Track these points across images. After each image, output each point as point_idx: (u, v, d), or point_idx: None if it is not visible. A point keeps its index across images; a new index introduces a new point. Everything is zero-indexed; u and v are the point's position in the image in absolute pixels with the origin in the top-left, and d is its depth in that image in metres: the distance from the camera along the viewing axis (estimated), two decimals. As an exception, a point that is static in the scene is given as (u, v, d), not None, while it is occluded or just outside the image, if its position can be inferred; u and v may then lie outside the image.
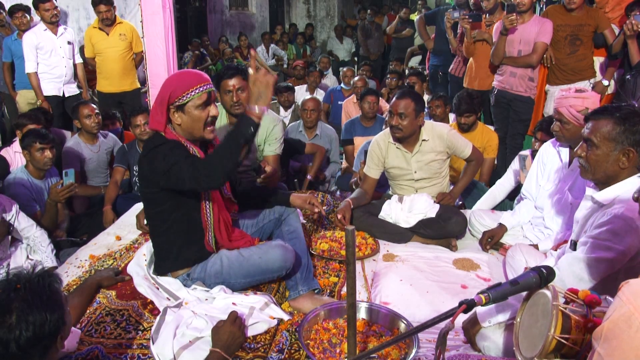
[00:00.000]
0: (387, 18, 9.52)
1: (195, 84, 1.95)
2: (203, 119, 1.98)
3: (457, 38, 4.80)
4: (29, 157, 3.04)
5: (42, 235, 2.75)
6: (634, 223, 1.62)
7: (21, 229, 2.69)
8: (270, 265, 2.06)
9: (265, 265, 2.06)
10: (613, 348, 0.92)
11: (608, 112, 1.74)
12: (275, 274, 2.10)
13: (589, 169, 1.79)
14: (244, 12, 11.26)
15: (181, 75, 2.03)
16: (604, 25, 3.78)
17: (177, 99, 1.94)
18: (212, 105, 2.01)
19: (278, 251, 2.07)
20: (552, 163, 2.65)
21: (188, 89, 1.94)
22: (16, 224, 2.66)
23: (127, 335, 1.91)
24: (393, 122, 2.82)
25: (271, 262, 2.06)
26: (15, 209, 2.66)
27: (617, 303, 0.94)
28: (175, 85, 1.95)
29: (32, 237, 2.71)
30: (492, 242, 2.75)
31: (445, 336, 1.15)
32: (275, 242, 2.19)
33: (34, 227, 2.72)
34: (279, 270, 2.08)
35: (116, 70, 4.82)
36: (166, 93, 1.95)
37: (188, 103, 1.95)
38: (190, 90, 1.94)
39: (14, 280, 1.22)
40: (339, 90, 5.89)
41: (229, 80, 2.76)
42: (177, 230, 2.07)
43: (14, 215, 2.65)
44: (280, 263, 2.06)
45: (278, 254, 2.07)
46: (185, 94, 1.94)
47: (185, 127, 2.00)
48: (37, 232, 2.73)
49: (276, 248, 2.09)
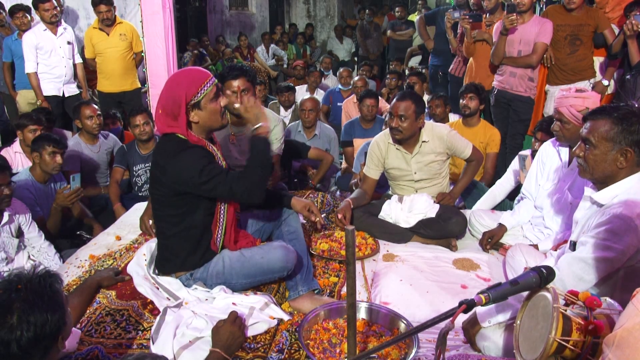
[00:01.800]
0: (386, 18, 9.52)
1: (204, 79, 1.98)
2: (218, 110, 2.03)
3: (457, 38, 4.80)
4: (38, 159, 3.03)
5: (48, 246, 2.77)
6: (633, 222, 1.63)
7: (29, 237, 2.70)
8: (271, 266, 2.07)
9: (267, 265, 2.06)
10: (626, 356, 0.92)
11: (606, 112, 1.75)
12: (277, 274, 2.10)
13: (588, 169, 1.80)
14: (244, 12, 11.26)
15: (187, 74, 2.03)
16: (604, 25, 3.78)
17: (192, 97, 1.96)
18: (220, 95, 2.05)
19: (280, 252, 2.08)
20: (551, 163, 2.65)
21: (200, 85, 1.96)
22: (26, 232, 2.68)
23: (127, 335, 1.91)
24: (393, 124, 2.82)
25: (273, 262, 2.06)
26: (28, 216, 2.69)
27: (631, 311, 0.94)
28: (187, 84, 1.96)
29: (39, 248, 2.73)
30: (492, 242, 2.75)
31: (445, 336, 1.15)
32: (276, 242, 2.19)
33: (41, 239, 2.74)
34: (280, 270, 2.08)
35: (117, 70, 4.82)
36: (181, 94, 1.94)
37: (203, 99, 1.97)
38: (202, 86, 1.96)
39: (15, 281, 1.22)
40: (337, 91, 5.88)
41: (234, 82, 2.74)
42: (187, 234, 2.07)
43: (26, 222, 2.68)
44: (282, 264, 2.06)
45: (280, 255, 2.07)
46: (200, 90, 1.96)
47: (203, 122, 2.02)
48: (44, 243, 2.75)
49: (278, 249, 2.10)
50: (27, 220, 2.69)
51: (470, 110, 3.80)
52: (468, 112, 3.81)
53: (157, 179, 2.01)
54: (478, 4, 4.51)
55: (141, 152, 3.71)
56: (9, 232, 2.56)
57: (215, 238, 2.13)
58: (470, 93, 3.79)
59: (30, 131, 3.48)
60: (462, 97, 3.83)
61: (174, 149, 1.95)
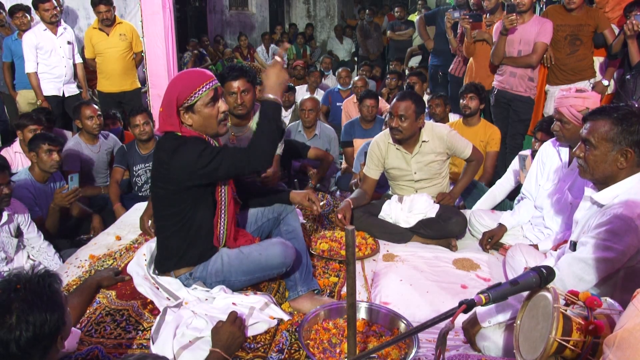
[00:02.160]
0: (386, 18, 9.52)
1: (200, 83, 1.95)
2: (214, 115, 2.00)
3: (457, 38, 4.80)
4: (36, 159, 3.03)
5: (48, 246, 2.77)
6: (633, 223, 1.62)
7: (28, 237, 2.70)
8: (270, 262, 2.06)
9: (266, 261, 2.06)
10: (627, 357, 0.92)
11: (606, 112, 1.75)
12: (276, 270, 2.09)
13: (588, 170, 1.80)
14: (244, 12, 11.26)
15: (185, 76, 2.03)
16: (603, 25, 3.78)
17: (185, 100, 1.95)
18: (220, 100, 2.02)
19: (278, 248, 2.07)
20: (551, 163, 2.65)
21: (194, 89, 1.94)
22: (25, 232, 2.68)
23: (127, 335, 1.91)
24: (393, 124, 2.82)
25: (271, 258, 2.06)
26: (27, 216, 2.69)
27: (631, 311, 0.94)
28: (181, 87, 1.96)
29: (38, 248, 2.73)
30: (492, 242, 2.75)
31: (445, 336, 1.15)
32: (275, 239, 2.19)
33: (40, 239, 2.74)
34: (279, 266, 2.07)
35: (117, 70, 4.82)
36: (173, 96, 1.95)
37: (197, 103, 1.96)
38: (196, 90, 1.94)
39: (14, 281, 1.22)
40: (336, 91, 5.88)
41: (234, 82, 2.73)
42: (188, 231, 2.07)
43: (25, 222, 2.68)
44: (280, 259, 2.06)
45: (278, 251, 2.06)
46: (193, 95, 1.95)
47: (198, 126, 2.01)
48: (43, 243, 2.75)
49: (276, 245, 2.09)
50: (26, 220, 2.69)
51: (471, 110, 3.81)
52: (468, 112, 3.82)
53: (162, 176, 2.01)
54: (478, 4, 4.51)
55: (141, 152, 3.71)
56: (8, 232, 2.57)
57: (217, 234, 2.13)
58: (471, 93, 3.80)
59: (30, 131, 3.48)
60: (463, 97, 3.83)
61: (173, 146, 1.96)
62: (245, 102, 2.79)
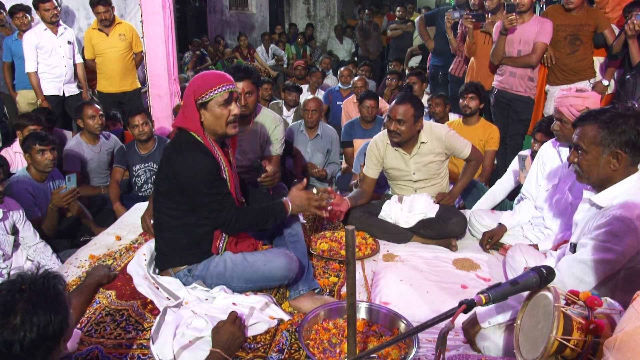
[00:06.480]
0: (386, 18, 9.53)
1: (217, 83, 2.02)
2: (225, 116, 2.05)
3: (458, 38, 4.80)
4: (30, 160, 3.02)
5: (45, 246, 2.77)
6: (633, 224, 1.63)
7: (24, 236, 2.70)
8: (273, 274, 2.07)
9: (269, 272, 2.07)
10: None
11: (592, 117, 1.76)
12: (277, 282, 2.12)
13: (583, 174, 1.82)
14: (244, 12, 11.26)
15: (206, 74, 2.10)
16: (604, 25, 3.78)
17: (200, 96, 2.01)
18: (234, 104, 2.07)
19: (283, 260, 2.08)
20: (552, 163, 2.65)
21: (210, 87, 2.01)
22: (21, 230, 2.68)
23: (127, 335, 1.91)
24: (391, 127, 2.81)
25: (275, 270, 2.07)
26: (22, 214, 2.69)
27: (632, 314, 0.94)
28: (199, 83, 2.03)
29: (34, 248, 2.73)
30: (492, 242, 2.75)
31: (445, 336, 1.15)
32: (280, 249, 2.20)
33: (36, 238, 2.74)
34: (281, 279, 2.10)
35: (117, 70, 4.82)
36: (190, 91, 2.03)
37: (210, 101, 2.02)
38: (213, 89, 2.01)
39: (18, 281, 1.21)
40: (337, 90, 5.89)
41: (238, 84, 2.71)
42: (188, 228, 2.09)
43: (21, 219, 2.68)
44: (283, 272, 2.07)
45: (282, 263, 2.07)
46: (208, 92, 2.01)
47: (208, 124, 2.06)
48: (40, 243, 2.75)
49: (282, 257, 2.10)
50: (21, 218, 2.67)
51: (471, 110, 3.82)
52: (469, 112, 3.83)
53: (165, 172, 2.05)
54: (479, 4, 4.50)
55: (141, 152, 3.71)
56: (4, 229, 2.56)
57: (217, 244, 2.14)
58: (471, 93, 3.81)
59: (29, 131, 3.47)
60: (463, 97, 3.84)
61: (184, 146, 2.01)
62: (249, 103, 2.79)
